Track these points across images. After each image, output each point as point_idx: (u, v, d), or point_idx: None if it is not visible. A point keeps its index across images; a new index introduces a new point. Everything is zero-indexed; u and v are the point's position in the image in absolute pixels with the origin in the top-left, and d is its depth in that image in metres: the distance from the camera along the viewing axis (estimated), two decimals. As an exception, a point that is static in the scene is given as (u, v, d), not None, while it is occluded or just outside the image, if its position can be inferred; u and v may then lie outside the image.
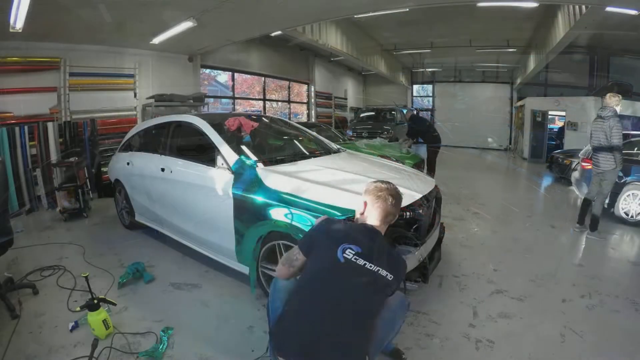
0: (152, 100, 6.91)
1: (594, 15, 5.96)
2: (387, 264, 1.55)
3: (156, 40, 6.39)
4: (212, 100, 9.81)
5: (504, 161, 12.74)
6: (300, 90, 13.40)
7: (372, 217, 1.71)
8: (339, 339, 1.42)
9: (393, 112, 12.87)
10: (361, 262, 1.51)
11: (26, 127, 5.28)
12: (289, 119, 11.18)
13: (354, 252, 1.52)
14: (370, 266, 1.51)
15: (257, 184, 2.59)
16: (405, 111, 14.51)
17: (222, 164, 2.86)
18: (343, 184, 2.57)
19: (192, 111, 7.06)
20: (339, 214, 2.25)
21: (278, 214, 2.41)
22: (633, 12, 5.04)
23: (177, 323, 2.41)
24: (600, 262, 3.63)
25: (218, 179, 2.83)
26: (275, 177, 2.62)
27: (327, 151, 3.64)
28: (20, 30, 4.44)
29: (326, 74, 14.15)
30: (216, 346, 2.18)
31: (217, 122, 3.23)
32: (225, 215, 2.70)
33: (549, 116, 11.93)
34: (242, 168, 2.74)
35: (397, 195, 1.75)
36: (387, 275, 1.52)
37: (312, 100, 13.30)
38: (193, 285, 2.96)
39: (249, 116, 3.58)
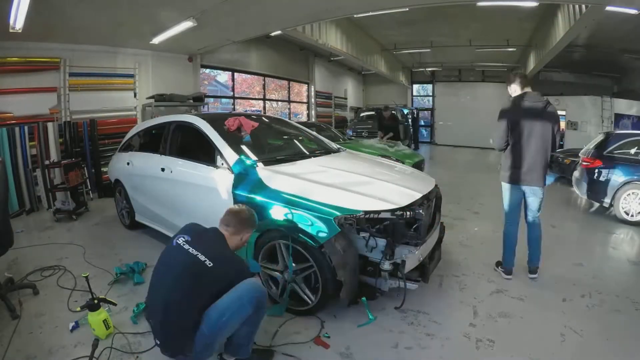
0: (152, 100, 6.91)
1: (594, 15, 5.95)
2: (210, 254, 1.80)
3: (156, 40, 6.39)
4: (212, 100, 9.80)
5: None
6: (300, 90, 13.40)
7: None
8: (164, 306, 1.76)
9: (393, 112, 12.87)
10: (186, 247, 1.84)
11: (26, 127, 5.28)
12: (289, 118, 11.18)
13: (184, 240, 1.88)
14: (192, 250, 1.81)
15: (257, 184, 2.59)
16: (406, 111, 14.53)
17: (222, 164, 2.86)
18: (343, 184, 2.58)
19: (192, 111, 7.06)
20: (338, 213, 2.25)
21: (278, 213, 2.42)
22: (633, 11, 5.03)
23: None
24: (601, 262, 3.63)
25: (218, 179, 2.83)
26: (276, 177, 2.62)
27: (327, 151, 3.64)
28: (20, 31, 4.44)
29: (326, 74, 14.14)
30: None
31: (217, 122, 3.23)
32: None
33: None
34: (242, 168, 2.74)
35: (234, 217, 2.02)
36: (205, 260, 1.77)
37: (312, 100, 13.30)
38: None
39: (249, 116, 3.58)
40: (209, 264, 1.76)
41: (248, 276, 1.90)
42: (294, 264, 2.45)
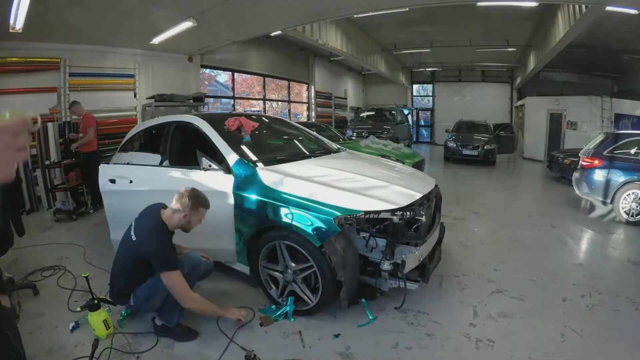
0: (152, 100, 6.91)
1: (594, 15, 5.95)
2: (138, 229, 2.16)
3: (156, 40, 6.39)
4: (212, 100, 9.80)
5: (504, 160, 12.72)
6: (300, 90, 13.40)
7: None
8: (111, 272, 2.30)
9: (393, 112, 12.87)
10: (132, 224, 2.23)
11: (26, 128, 5.27)
12: (289, 119, 11.18)
13: (134, 218, 2.27)
14: (132, 227, 2.20)
15: (257, 184, 2.59)
16: (406, 111, 14.52)
17: (223, 164, 2.86)
18: (342, 184, 2.58)
19: (192, 111, 7.06)
20: (338, 213, 2.25)
21: (278, 213, 2.42)
22: (633, 11, 5.03)
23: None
24: (601, 262, 3.63)
25: (218, 179, 2.82)
26: (276, 177, 2.62)
27: (327, 151, 3.64)
28: (20, 31, 4.44)
29: (326, 74, 14.15)
30: (216, 346, 2.18)
31: (217, 122, 3.22)
32: (225, 215, 2.70)
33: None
34: (243, 168, 2.74)
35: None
36: (132, 235, 2.15)
37: (312, 100, 13.30)
38: (193, 285, 2.95)
39: (249, 116, 3.57)
40: (134, 238, 2.12)
41: (149, 252, 2.09)
42: (293, 264, 2.45)
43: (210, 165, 2.83)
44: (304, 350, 2.15)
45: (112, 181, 3.16)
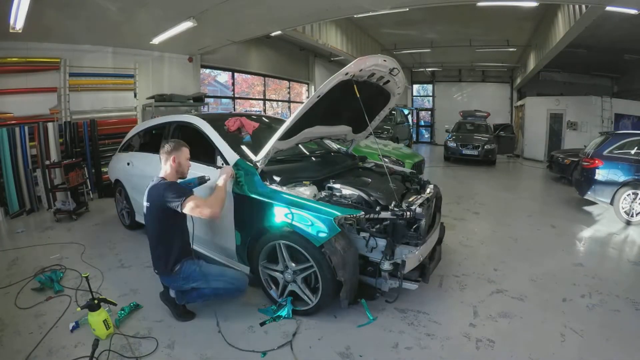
0: (152, 100, 6.91)
1: (594, 15, 5.95)
2: (148, 197, 2.34)
3: (156, 40, 6.39)
4: (212, 100, 9.80)
5: (504, 161, 12.73)
6: (300, 91, 13.40)
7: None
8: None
9: (393, 112, 12.85)
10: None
11: (26, 128, 5.27)
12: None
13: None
14: (146, 204, 2.36)
15: (257, 184, 2.59)
16: (406, 111, 14.48)
17: (222, 164, 2.86)
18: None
19: (192, 111, 7.06)
20: (338, 213, 2.26)
21: (278, 213, 2.42)
22: (633, 11, 5.02)
23: (177, 323, 2.41)
24: (601, 262, 3.63)
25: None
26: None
27: (328, 151, 3.64)
28: (20, 31, 4.44)
29: (326, 74, 14.12)
30: (217, 346, 2.19)
31: (217, 122, 3.23)
32: (225, 215, 2.70)
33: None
34: (242, 168, 2.74)
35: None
36: (146, 204, 2.34)
37: (312, 100, 13.28)
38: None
39: (249, 116, 3.57)
40: (148, 204, 2.34)
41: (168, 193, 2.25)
42: (294, 264, 2.45)
43: (222, 164, 2.84)
44: (304, 350, 2.15)
45: None
